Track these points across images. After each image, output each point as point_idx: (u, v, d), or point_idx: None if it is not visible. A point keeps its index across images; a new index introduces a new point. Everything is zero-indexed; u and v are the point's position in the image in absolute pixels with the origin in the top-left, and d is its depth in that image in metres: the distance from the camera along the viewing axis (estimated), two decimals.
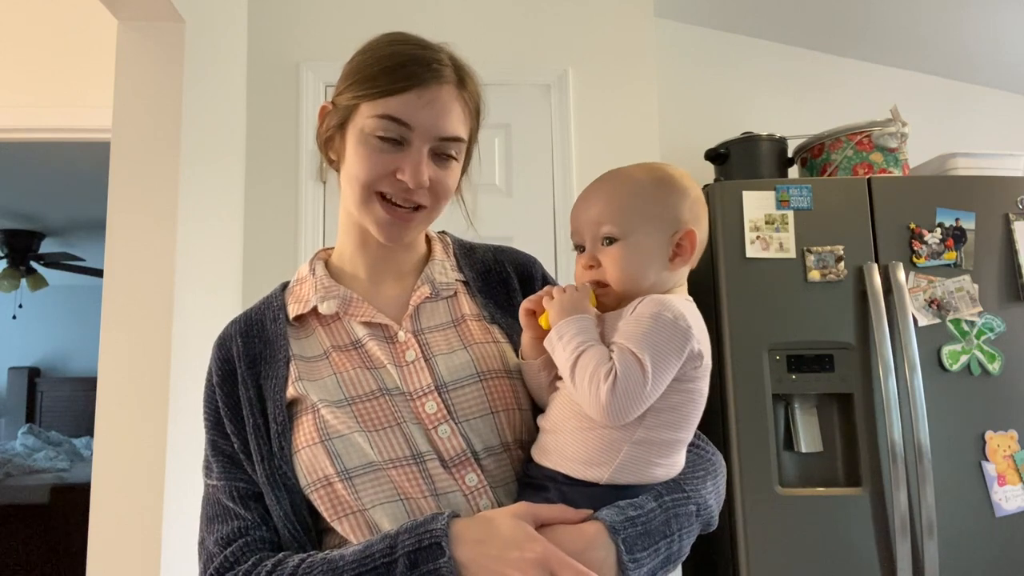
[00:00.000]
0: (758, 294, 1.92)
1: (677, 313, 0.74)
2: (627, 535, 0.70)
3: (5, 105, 2.33)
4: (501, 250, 0.98)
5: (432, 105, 0.80)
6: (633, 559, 0.70)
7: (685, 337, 0.74)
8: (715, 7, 2.67)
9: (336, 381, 0.82)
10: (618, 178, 0.83)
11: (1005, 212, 1.97)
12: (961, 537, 1.81)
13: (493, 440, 0.80)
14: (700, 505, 0.79)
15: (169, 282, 1.79)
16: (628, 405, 0.70)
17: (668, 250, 0.81)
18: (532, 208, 2.35)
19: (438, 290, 0.89)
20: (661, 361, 0.72)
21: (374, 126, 0.80)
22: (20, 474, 4.50)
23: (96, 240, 4.78)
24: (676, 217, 0.81)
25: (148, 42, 1.86)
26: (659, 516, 0.74)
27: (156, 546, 1.71)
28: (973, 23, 2.54)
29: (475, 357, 0.84)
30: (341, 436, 0.78)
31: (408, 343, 0.84)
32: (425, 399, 0.80)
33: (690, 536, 0.78)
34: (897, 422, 1.81)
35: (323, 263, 0.92)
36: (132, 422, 1.75)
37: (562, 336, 0.75)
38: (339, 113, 0.84)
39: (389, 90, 0.79)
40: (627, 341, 0.73)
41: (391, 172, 0.81)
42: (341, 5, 2.41)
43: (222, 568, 0.77)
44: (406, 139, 0.80)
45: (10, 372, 6.20)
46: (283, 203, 2.30)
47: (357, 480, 0.76)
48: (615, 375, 0.70)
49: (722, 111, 2.70)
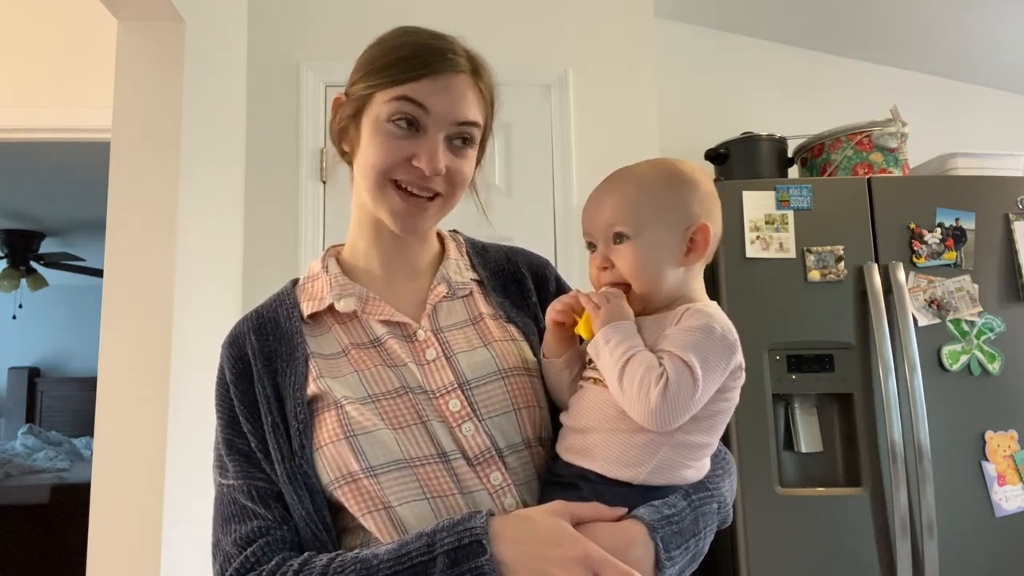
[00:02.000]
0: (758, 294, 1.92)
1: (726, 327, 0.76)
2: (664, 533, 0.71)
3: (5, 105, 2.33)
4: (514, 250, 0.98)
5: (448, 91, 0.80)
6: (669, 557, 0.71)
7: (732, 350, 0.75)
8: (715, 7, 2.67)
9: (358, 378, 0.81)
10: (627, 176, 0.83)
11: (1005, 212, 1.97)
12: (961, 537, 1.81)
13: (516, 437, 0.80)
14: (721, 503, 0.80)
15: (169, 282, 1.79)
16: (676, 411, 0.71)
17: (682, 246, 0.80)
18: (532, 208, 2.35)
19: (454, 289, 0.89)
20: (710, 371, 0.72)
21: (390, 110, 0.79)
22: (20, 474, 4.50)
23: (96, 240, 4.77)
24: (688, 212, 0.80)
25: (148, 42, 1.86)
26: (689, 515, 0.75)
27: (156, 546, 1.71)
28: (973, 23, 2.54)
29: (496, 354, 0.83)
30: (367, 433, 0.76)
31: (428, 341, 0.83)
32: (448, 397, 0.80)
33: (711, 534, 0.79)
34: (897, 422, 1.81)
35: (335, 259, 0.91)
36: (132, 422, 1.75)
37: (609, 340, 0.75)
38: (353, 103, 0.84)
39: (405, 77, 0.79)
40: (677, 349, 0.73)
41: (407, 159, 0.80)
42: (341, 5, 2.41)
43: (243, 568, 0.75)
44: (422, 124, 0.80)
45: (10, 372, 6.20)
46: (283, 203, 2.30)
47: (383, 477, 0.75)
48: (666, 380, 0.70)
49: (722, 111, 2.69)
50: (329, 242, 2.26)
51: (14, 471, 4.50)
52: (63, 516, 4.03)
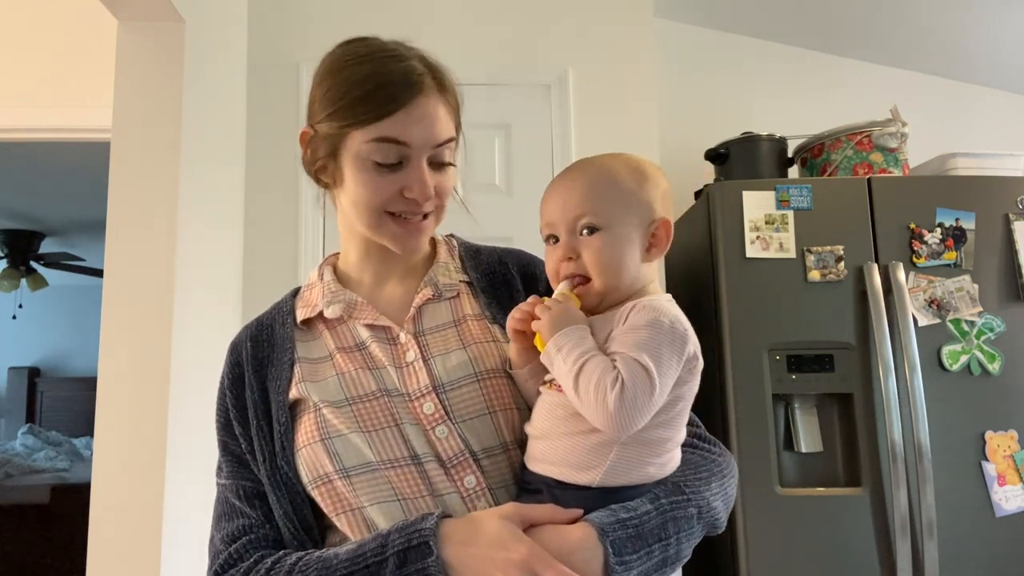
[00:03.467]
0: (758, 294, 1.92)
1: (673, 318, 0.74)
2: (616, 537, 0.70)
3: (5, 105, 2.33)
4: (507, 251, 0.99)
5: (423, 119, 0.81)
6: (621, 561, 0.69)
7: (683, 341, 0.74)
8: (715, 7, 2.67)
9: (338, 382, 0.83)
10: (592, 167, 0.82)
11: (1005, 212, 1.97)
12: (961, 537, 1.81)
13: (491, 440, 0.80)
14: (702, 508, 0.78)
15: (169, 282, 1.79)
16: (635, 414, 0.70)
17: (645, 241, 0.80)
18: (532, 208, 2.30)
19: (441, 291, 0.90)
20: (664, 367, 0.71)
21: (371, 151, 0.80)
22: (20, 474, 4.50)
23: (96, 240, 4.78)
24: (652, 207, 0.81)
25: (148, 42, 1.86)
26: (654, 519, 0.73)
27: (156, 546, 1.71)
28: (973, 23, 2.54)
29: (473, 357, 0.84)
30: (340, 435, 0.79)
31: (408, 344, 0.85)
32: (423, 400, 0.81)
33: (691, 539, 0.77)
34: (897, 422, 1.81)
35: (332, 268, 0.94)
36: (132, 422, 1.75)
37: (560, 348, 0.74)
38: (328, 142, 0.84)
39: (378, 114, 0.79)
40: (628, 350, 0.72)
41: (398, 192, 0.82)
42: (341, 5, 2.41)
43: (226, 564, 0.79)
44: (406, 157, 0.81)
45: (10, 372, 6.21)
46: (283, 203, 2.30)
47: (355, 479, 0.77)
48: (622, 383, 0.69)
49: (722, 111, 2.69)
50: (329, 242, 2.29)
51: (14, 471, 4.50)
52: (63, 516, 4.03)
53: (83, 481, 3.47)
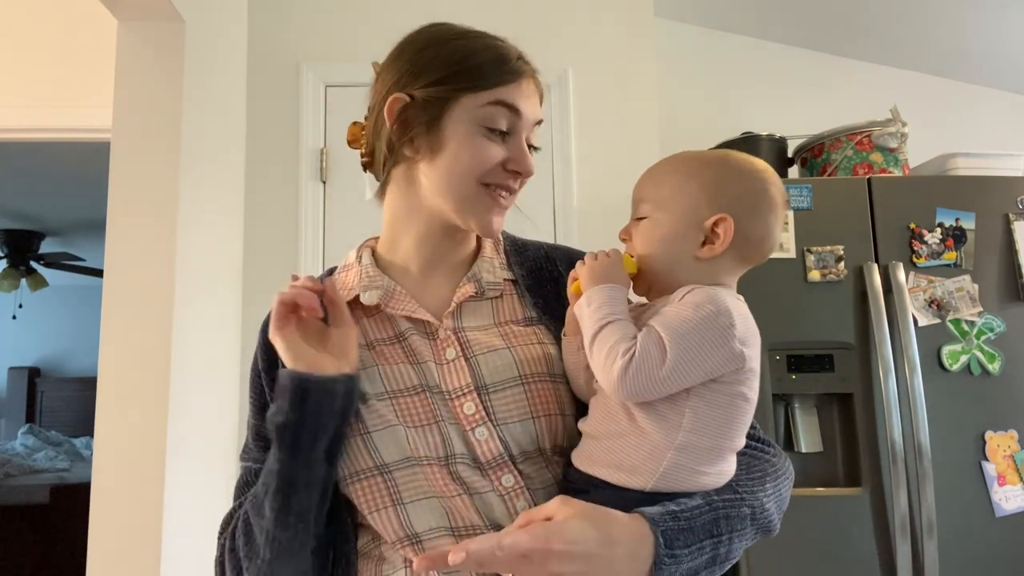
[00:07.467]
0: (758, 294, 1.90)
1: (721, 309, 0.70)
2: (668, 527, 0.68)
3: (5, 105, 2.33)
4: (555, 248, 0.96)
5: (532, 96, 0.83)
6: (671, 554, 0.67)
7: (723, 334, 0.69)
8: (715, 7, 2.67)
9: (378, 373, 0.80)
10: (676, 158, 0.82)
11: (1005, 212, 1.96)
12: (961, 537, 1.81)
13: (531, 446, 0.78)
14: (755, 508, 0.76)
15: (169, 282, 1.79)
16: (640, 386, 0.68)
17: (698, 235, 0.76)
18: (532, 208, 2.34)
19: (484, 289, 0.86)
20: (687, 351, 0.68)
21: (485, 115, 0.79)
22: (20, 474, 4.49)
23: (96, 240, 4.78)
24: (716, 201, 0.76)
25: (148, 42, 1.86)
26: (706, 515, 0.71)
27: (156, 546, 1.71)
28: (973, 23, 2.54)
29: (518, 359, 0.81)
30: (380, 430, 0.76)
31: (448, 340, 0.82)
32: (463, 399, 0.78)
33: (742, 540, 0.75)
34: (897, 422, 1.81)
35: (371, 251, 0.90)
36: (132, 422, 1.75)
37: (591, 303, 0.73)
38: (432, 107, 0.80)
39: (497, 80, 0.80)
40: (659, 325, 0.70)
41: (500, 163, 0.80)
42: (341, 5, 2.41)
43: (224, 523, 0.82)
44: (513, 128, 0.81)
45: (10, 372, 6.20)
46: (283, 203, 2.30)
47: (397, 474, 0.75)
48: (632, 354, 0.68)
49: (722, 111, 2.70)
50: (329, 242, 2.29)
51: (14, 471, 4.49)
52: (63, 516, 4.03)
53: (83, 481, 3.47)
